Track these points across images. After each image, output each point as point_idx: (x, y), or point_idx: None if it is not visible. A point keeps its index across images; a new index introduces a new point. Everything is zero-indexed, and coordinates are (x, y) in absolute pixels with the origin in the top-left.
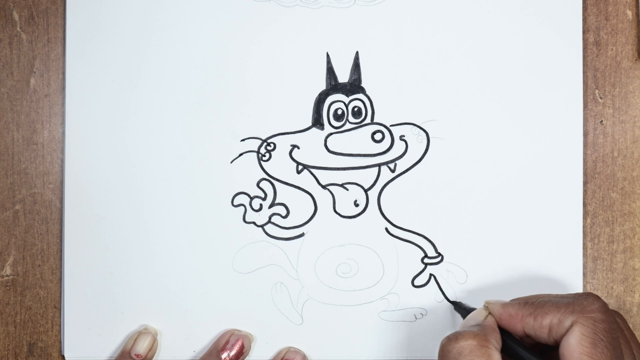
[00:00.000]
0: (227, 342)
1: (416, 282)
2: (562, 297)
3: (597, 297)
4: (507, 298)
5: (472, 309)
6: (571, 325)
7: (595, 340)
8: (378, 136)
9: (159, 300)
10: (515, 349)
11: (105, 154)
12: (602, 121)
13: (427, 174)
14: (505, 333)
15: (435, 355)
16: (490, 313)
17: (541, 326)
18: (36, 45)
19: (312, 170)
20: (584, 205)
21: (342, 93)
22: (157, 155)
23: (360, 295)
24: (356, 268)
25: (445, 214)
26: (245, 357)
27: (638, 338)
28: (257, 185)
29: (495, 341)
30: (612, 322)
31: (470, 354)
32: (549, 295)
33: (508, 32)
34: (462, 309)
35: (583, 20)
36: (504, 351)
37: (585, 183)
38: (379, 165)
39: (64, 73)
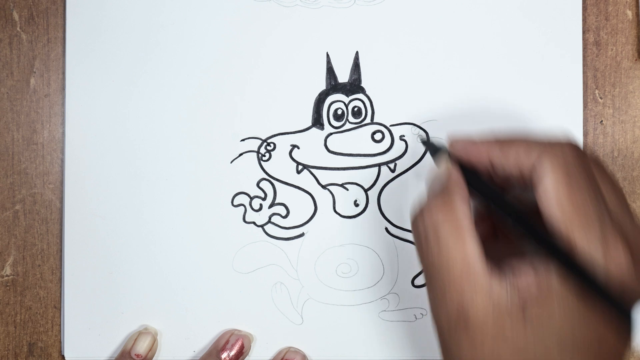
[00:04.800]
0: (227, 342)
1: (416, 282)
2: (533, 135)
3: (567, 136)
4: None
5: (439, 145)
6: (539, 156)
7: (569, 172)
8: (378, 136)
9: (159, 300)
10: (481, 188)
11: (105, 154)
12: (602, 121)
13: (427, 173)
14: (471, 176)
15: (436, 354)
16: (451, 162)
17: (507, 156)
18: (36, 45)
19: (312, 170)
20: None
21: (342, 93)
22: (157, 155)
23: (360, 295)
24: (356, 268)
25: None
26: (245, 357)
27: None
28: (257, 185)
29: (462, 199)
30: (583, 156)
31: (439, 224)
32: (519, 134)
33: (508, 32)
34: (431, 147)
35: (583, 20)
36: (477, 189)
37: None
38: (379, 165)
39: (64, 73)
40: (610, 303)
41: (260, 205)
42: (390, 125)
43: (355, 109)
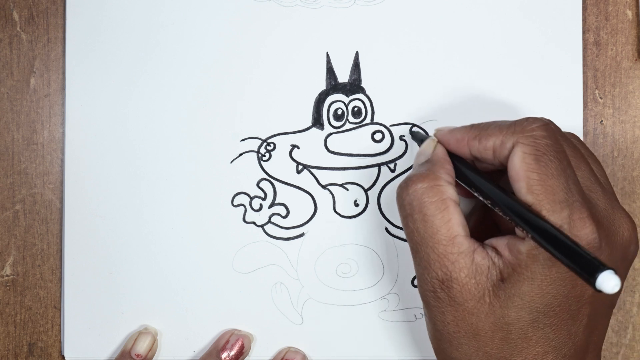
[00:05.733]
0: (227, 342)
1: (416, 282)
2: (507, 121)
3: (539, 118)
4: None
5: (428, 137)
6: (513, 146)
7: (538, 156)
8: (378, 136)
9: (159, 300)
10: (466, 173)
11: (105, 154)
12: (602, 121)
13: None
14: (457, 159)
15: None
16: (439, 142)
17: (485, 148)
18: (36, 45)
19: (312, 170)
20: None
21: (342, 93)
22: (157, 156)
23: (360, 295)
24: (356, 268)
25: None
26: (245, 357)
27: None
28: (257, 185)
29: (446, 174)
30: (554, 137)
31: (423, 196)
32: (495, 121)
33: (508, 31)
34: (418, 138)
35: (583, 20)
36: (459, 178)
37: None
38: (379, 165)
39: (64, 73)
40: (578, 267)
41: (260, 205)
42: (390, 125)
43: (355, 109)
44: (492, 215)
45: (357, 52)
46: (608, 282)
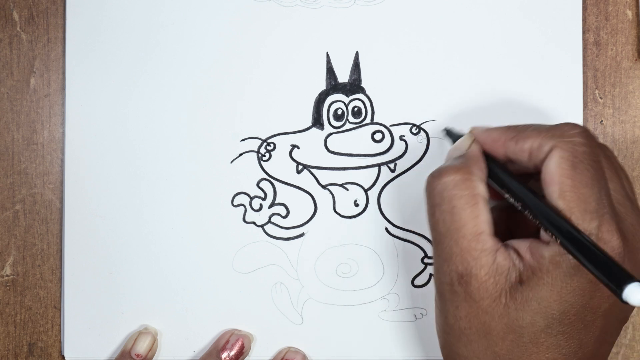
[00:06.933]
0: (227, 342)
1: (416, 282)
2: (545, 125)
3: (578, 125)
4: None
5: (462, 135)
6: (550, 150)
7: (574, 163)
8: (378, 136)
9: (159, 300)
10: (499, 174)
11: (105, 154)
12: (602, 121)
13: (427, 173)
14: (490, 159)
15: (436, 355)
16: (474, 140)
17: (522, 150)
18: (36, 45)
19: (312, 170)
20: None
21: (342, 93)
22: (157, 156)
23: (360, 295)
24: (356, 268)
25: None
26: (245, 357)
27: None
28: (257, 185)
29: (480, 171)
30: (592, 146)
31: (454, 188)
32: (533, 124)
33: (508, 32)
34: (452, 135)
35: (583, 20)
36: (491, 178)
37: None
38: (379, 165)
39: (64, 73)
40: (606, 277)
41: (260, 205)
42: (390, 125)
43: (355, 109)
44: (507, 221)
45: (357, 52)
46: (635, 294)
